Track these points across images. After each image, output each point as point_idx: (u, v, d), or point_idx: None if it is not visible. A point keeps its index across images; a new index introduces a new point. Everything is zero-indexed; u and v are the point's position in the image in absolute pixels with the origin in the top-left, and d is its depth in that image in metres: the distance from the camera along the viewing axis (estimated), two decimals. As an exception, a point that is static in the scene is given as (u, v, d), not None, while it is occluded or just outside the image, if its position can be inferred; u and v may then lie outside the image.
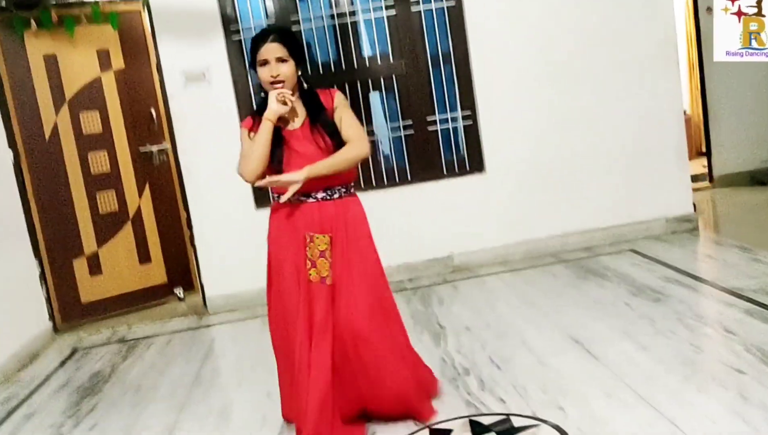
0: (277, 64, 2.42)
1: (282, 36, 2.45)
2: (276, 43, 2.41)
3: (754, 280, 3.61)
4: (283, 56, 2.42)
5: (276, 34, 2.44)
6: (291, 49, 2.44)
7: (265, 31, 2.49)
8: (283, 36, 2.46)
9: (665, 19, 4.71)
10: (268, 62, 2.42)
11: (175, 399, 3.24)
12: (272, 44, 2.41)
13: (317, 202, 2.48)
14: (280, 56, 2.42)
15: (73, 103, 4.72)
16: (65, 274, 4.74)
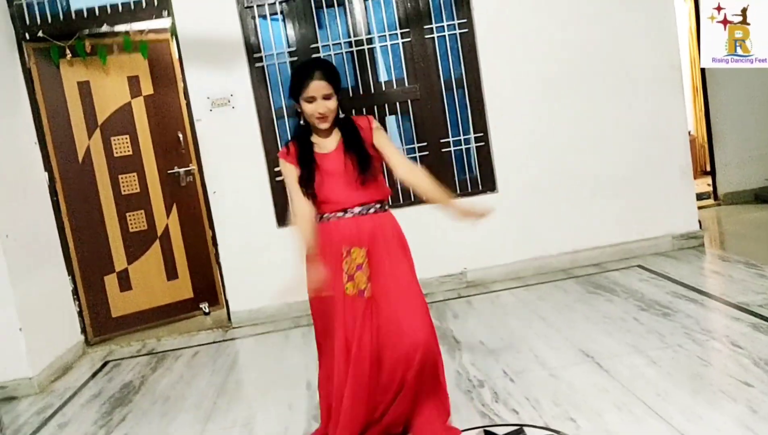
0: (323, 100, 2.51)
1: (327, 73, 2.53)
2: (323, 82, 2.49)
3: (760, 295, 3.71)
4: (329, 93, 2.51)
5: (322, 72, 2.51)
6: (335, 85, 2.54)
7: (311, 67, 2.54)
8: (329, 73, 2.53)
9: (670, 45, 4.85)
10: (315, 99, 2.51)
11: (201, 410, 3.39)
12: (320, 82, 2.49)
13: (354, 217, 2.59)
14: (326, 93, 2.51)
15: (105, 127, 4.96)
16: (97, 289, 4.95)
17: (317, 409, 3.13)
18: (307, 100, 2.52)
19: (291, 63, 4.82)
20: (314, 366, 3.71)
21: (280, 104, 4.86)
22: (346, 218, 2.59)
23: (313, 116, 2.54)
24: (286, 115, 4.87)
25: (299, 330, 4.53)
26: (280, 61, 4.82)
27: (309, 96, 2.51)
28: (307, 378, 3.59)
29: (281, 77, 4.83)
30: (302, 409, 3.18)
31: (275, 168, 4.84)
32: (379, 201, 2.66)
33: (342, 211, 2.59)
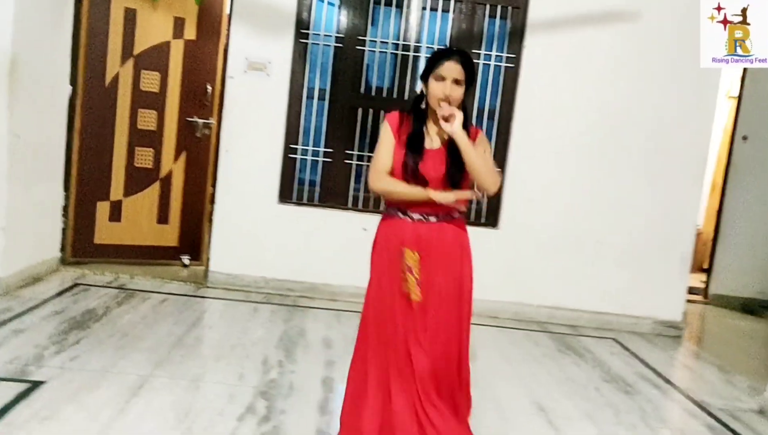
0: (453, 84, 2.41)
1: (464, 60, 2.45)
2: (459, 66, 2.41)
3: (723, 400, 3.72)
4: (461, 79, 2.42)
5: (460, 57, 2.44)
6: (468, 76, 2.45)
7: (451, 50, 2.50)
8: (466, 60, 2.45)
9: (702, 140, 4.90)
10: (445, 79, 2.41)
11: (154, 354, 3.39)
12: (456, 65, 2.41)
13: (412, 222, 2.48)
14: (457, 78, 2.41)
15: (139, 59, 4.97)
16: (87, 212, 4.95)
17: (267, 386, 3.15)
18: (437, 78, 2.42)
19: (335, 48, 4.85)
20: (275, 344, 3.77)
21: (313, 85, 4.87)
22: (405, 220, 2.49)
23: (437, 96, 2.43)
24: (316, 97, 4.88)
25: (269, 306, 4.53)
26: (325, 44, 4.85)
27: (441, 74, 2.41)
28: (265, 354, 3.59)
29: (322, 59, 4.85)
30: (251, 383, 3.17)
31: (291, 144, 4.85)
32: (444, 213, 2.50)
33: (403, 211, 2.50)
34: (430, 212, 2.47)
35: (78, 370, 3.09)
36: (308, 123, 4.90)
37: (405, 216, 2.49)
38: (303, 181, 4.94)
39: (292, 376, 3.32)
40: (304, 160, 4.92)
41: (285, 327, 4.13)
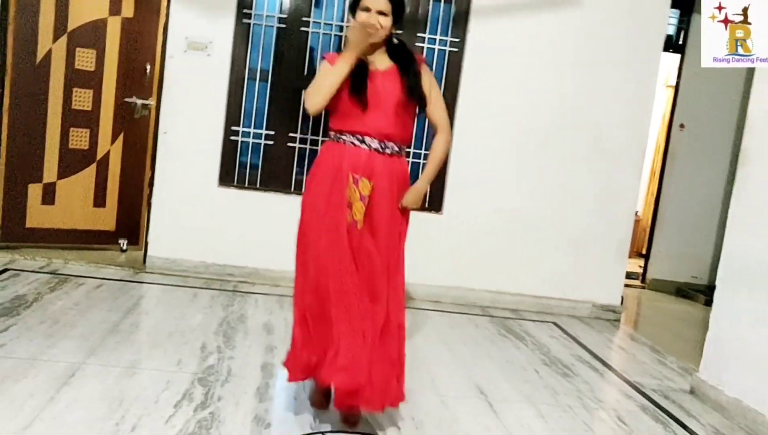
0: (377, 14, 2.51)
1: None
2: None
3: (656, 380, 3.83)
4: (385, 11, 2.52)
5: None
6: (394, 5, 2.55)
7: None
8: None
9: (641, 128, 5.00)
10: (369, 10, 2.52)
11: (88, 342, 3.29)
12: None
13: (369, 151, 2.56)
14: (382, 9, 2.52)
15: (73, 35, 4.78)
16: (17, 195, 4.77)
17: (204, 372, 3.09)
18: (363, 9, 2.53)
19: (278, 29, 4.76)
20: (213, 330, 3.71)
21: (255, 66, 4.78)
22: (362, 148, 2.56)
23: (362, 26, 2.52)
24: (258, 78, 4.79)
25: (209, 292, 4.45)
26: (267, 24, 4.76)
27: (365, 5, 2.52)
28: (203, 341, 3.52)
29: (264, 40, 4.76)
30: (190, 369, 3.11)
31: (232, 127, 4.76)
32: (401, 142, 2.64)
33: (361, 138, 2.56)
34: (385, 139, 2.56)
35: (3, 358, 2.97)
36: (250, 105, 4.81)
37: (362, 144, 2.55)
38: (244, 164, 4.86)
39: (230, 362, 3.26)
40: (246, 143, 4.83)
41: (225, 313, 4.06)
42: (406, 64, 2.61)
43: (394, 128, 2.58)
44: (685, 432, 3.14)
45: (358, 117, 2.56)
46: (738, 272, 3.46)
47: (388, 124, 2.57)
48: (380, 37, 2.55)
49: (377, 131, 2.56)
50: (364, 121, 2.56)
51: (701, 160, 6.35)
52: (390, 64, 2.62)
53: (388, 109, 2.55)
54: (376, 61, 2.60)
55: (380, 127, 2.56)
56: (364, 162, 2.56)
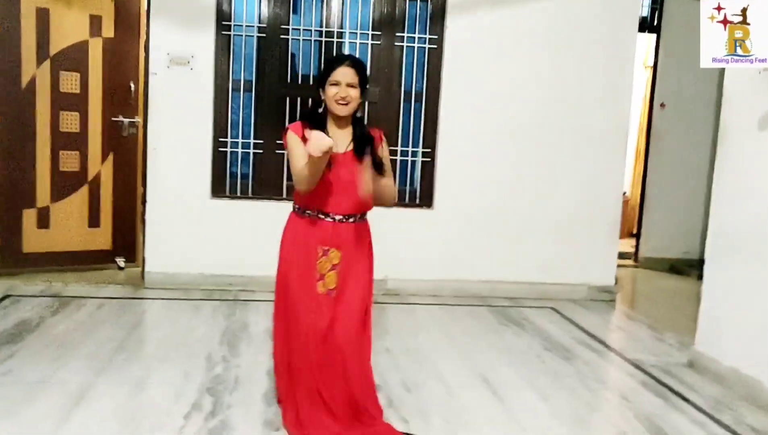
0: (347, 87, 2.58)
1: (356, 64, 2.63)
2: (351, 69, 2.59)
3: (655, 356, 3.90)
4: (354, 83, 2.59)
5: (352, 62, 2.63)
6: (361, 78, 2.62)
7: (343, 57, 2.73)
8: (357, 65, 2.64)
9: (622, 108, 5.07)
10: (339, 84, 2.58)
11: (95, 361, 3.33)
12: (348, 69, 2.59)
13: (333, 223, 2.65)
14: (351, 82, 2.58)
15: (56, 59, 4.81)
16: (12, 221, 4.80)
17: (212, 382, 3.15)
18: (333, 83, 2.59)
19: (258, 39, 4.81)
20: (218, 340, 3.76)
21: (239, 77, 4.83)
22: (326, 221, 2.66)
23: (334, 99, 2.59)
24: (242, 89, 4.84)
25: (210, 303, 4.50)
26: (247, 34, 4.80)
27: (335, 80, 2.58)
28: (208, 351, 3.57)
29: (245, 50, 4.81)
30: (197, 380, 3.16)
31: (220, 138, 4.81)
32: (362, 213, 2.73)
33: (324, 213, 2.65)
34: (349, 214, 2.66)
35: (12, 383, 3.01)
36: (236, 115, 4.86)
37: (326, 217, 2.66)
38: (235, 174, 4.91)
39: (237, 370, 3.32)
40: (235, 153, 4.88)
41: (227, 322, 4.11)
42: (363, 143, 2.67)
43: (356, 207, 2.67)
44: (687, 404, 3.21)
45: (321, 195, 2.63)
46: (726, 245, 3.54)
47: (352, 205, 2.65)
48: (350, 110, 2.63)
49: (341, 211, 2.66)
50: (328, 201, 2.64)
51: (684, 137, 6.43)
52: (349, 143, 2.67)
53: (351, 193, 2.60)
54: (338, 140, 2.60)
55: (344, 208, 2.65)
56: (331, 234, 2.65)
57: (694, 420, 3.03)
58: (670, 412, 3.10)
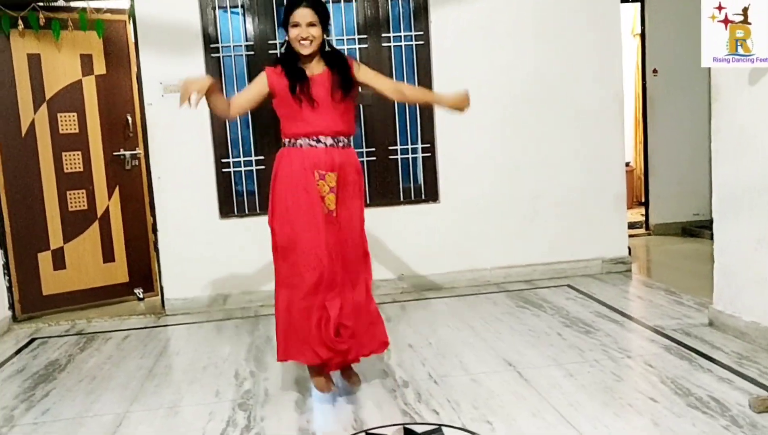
0: (307, 27, 2.79)
1: (314, 4, 2.82)
2: (308, 9, 2.79)
3: (675, 320, 3.93)
4: (314, 21, 2.79)
5: (309, 2, 2.80)
6: (320, 16, 2.81)
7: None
8: (315, 4, 2.82)
9: (614, 79, 5.09)
10: (299, 24, 2.79)
11: (128, 390, 3.39)
12: (305, 9, 2.79)
13: (326, 148, 2.87)
14: (310, 21, 2.79)
15: (52, 103, 4.89)
16: (29, 266, 4.87)
17: (243, 397, 3.20)
18: (293, 25, 2.81)
19: (247, 56, 4.87)
20: (244, 356, 3.81)
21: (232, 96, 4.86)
22: (319, 148, 2.87)
23: (296, 40, 2.82)
24: (238, 108, 4.89)
25: (232, 322, 4.56)
26: (236, 54, 4.86)
27: (295, 21, 2.80)
28: (235, 368, 3.63)
29: (236, 70, 4.87)
30: (228, 397, 3.21)
31: (222, 159, 4.87)
32: (349, 135, 2.96)
33: (316, 138, 2.85)
34: (340, 132, 2.90)
35: (52, 422, 3.08)
36: (235, 135, 4.92)
37: (318, 143, 2.87)
38: (241, 192, 4.97)
39: (266, 383, 3.37)
40: (238, 172, 4.94)
41: (251, 338, 4.17)
42: (336, 65, 2.91)
43: (341, 124, 2.90)
44: (711, 363, 3.24)
45: (308, 120, 2.85)
46: (731, 202, 3.57)
47: (335, 120, 2.88)
48: (314, 48, 2.84)
49: (329, 129, 2.86)
50: (314, 122, 2.85)
51: (680, 102, 6.45)
52: (324, 69, 2.91)
53: (332, 108, 2.86)
54: (312, 68, 2.90)
55: (330, 124, 2.87)
56: (325, 158, 2.87)
57: (720, 378, 3.06)
58: (695, 373, 3.13)
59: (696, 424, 2.62)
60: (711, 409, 2.74)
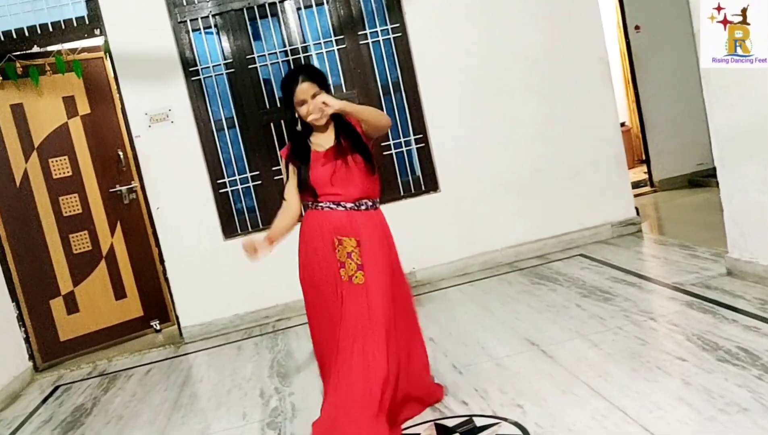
0: (312, 99, 2.70)
1: (310, 74, 2.75)
2: (307, 83, 2.71)
3: (693, 274, 3.88)
4: (316, 92, 2.71)
5: (304, 75, 2.74)
6: (320, 84, 2.74)
7: (294, 74, 2.77)
8: (311, 74, 2.76)
9: (597, 39, 5.03)
10: (305, 101, 2.71)
11: (156, 425, 3.39)
12: (304, 84, 2.70)
13: (346, 211, 2.77)
14: (314, 93, 2.70)
15: (42, 149, 4.88)
16: (43, 314, 4.86)
17: (270, 416, 3.19)
18: (299, 104, 2.73)
19: (227, 75, 4.85)
20: (267, 374, 3.81)
21: (219, 116, 4.87)
22: (339, 211, 2.76)
23: (306, 116, 2.73)
24: (225, 127, 4.88)
25: (251, 341, 4.54)
26: (216, 74, 4.84)
27: (299, 99, 2.72)
28: (260, 386, 3.61)
29: (219, 89, 4.85)
30: (256, 418, 3.20)
31: (218, 180, 4.85)
32: (371, 198, 2.83)
33: (336, 202, 2.75)
34: (361, 198, 2.78)
35: (85, 467, 3.08)
36: (227, 154, 4.90)
37: (338, 206, 2.76)
38: (241, 210, 4.95)
39: (292, 398, 3.36)
40: (236, 191, 4.92)
41: (272, 354, 4.15)
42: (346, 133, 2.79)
43: (360, 190, 2.78)
44: (735, 313, 3.20)
45: (327, 188, 2.76)
46: (730, 147, 3.52)
47: (355, 187, 2.77)
48: (327, 116, 2.71)
49: (349, 196, 2.77)
50: (337, 191, 2.76)
51: (667, 55, 6.37)
52: (332, 139, 2.80)
53: (348, 177, 2.75)
54: (324, 141, 2.80)
55: (351, 192, 2.76)
56: (345, 222, 2.76)
57: (746, 326, 3.02)
58: (721, 325, 3.09)
59: (728, 377, 2.59)
60: (741, 360, 2.70)
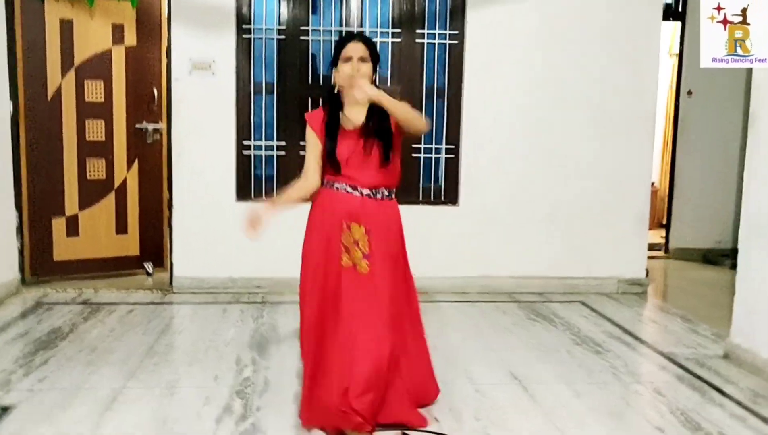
0: (359, 62, 2.66)
1: (366, 40, 2.74)
2: (361, 44, 2.69)
3: (690, 349, 3.83)
4: (365, 56, 2.68)
5: (362, 38, 2.75)
6: (372, 54, 2.71)
7: (352, 34, 2.79)
8: (367, 40, 2.75)
9: (649, 97, 4.99)
10: (351, 59, 2.66)
11: (126, 366, 3.36)
12: (358, 44, 2.68)
13: (361, 198, 2.71)
14: (362, 56, 2.67)
15: (80, 69, 4.87)
16: (42, 230, 4.87)
17: (242, 385, 3.15)
18: (345, 60, 2.67)
19: (278, 41, 4.82)
20: (247, 343, 3.77)
21: (260, 79, 4.84)
22: (354, 195, 2.70)
23: (347, 75, 2.67)
24: (264, 91, 4.85)
25: (238, 306, 4.52)
26: (267, 37, 4.82)
27: (347, 55, 2.67)
28: (237, 353, 3.58)
29: (266, 52, 4.82)
30: (227, 383, 3.17)
31: (244, 141, 4.83)
32: (389, 188, 2.78)
33: (353, 186, 2.70)
34: (378, 186, 2.72)
35: (48, 390, 3.05)
36: (259, 118, 4.87)
37: (354, 191, 2.71)
38: (260, 176, 4.92)
39: (266, 373, 3.32)
40: (259, 156, 4.89)
41: (256, 325, 4.12)
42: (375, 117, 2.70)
43: (379, 178, 2.73)
44: (723, 398, 3.14)
45: (347, 174, 2.70)
46: (759, 233, 3.46)
47: (373, 174, 2.71)
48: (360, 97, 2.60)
49: (366, 182, 2.71)
50: (353, 174, 2.70)
51: (712, 126, 6.31)
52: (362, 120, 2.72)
53: (368, 165, 2.69)
54: (356, 116, 2.73)
55: (368, 178, 2.70)
56: (357, 208, 2.70)
57: (732, 414, 2.97)
58: (707, 406, 3.04)
59: (703, 461, 2.54)
60: (720, 447, 2.65)
